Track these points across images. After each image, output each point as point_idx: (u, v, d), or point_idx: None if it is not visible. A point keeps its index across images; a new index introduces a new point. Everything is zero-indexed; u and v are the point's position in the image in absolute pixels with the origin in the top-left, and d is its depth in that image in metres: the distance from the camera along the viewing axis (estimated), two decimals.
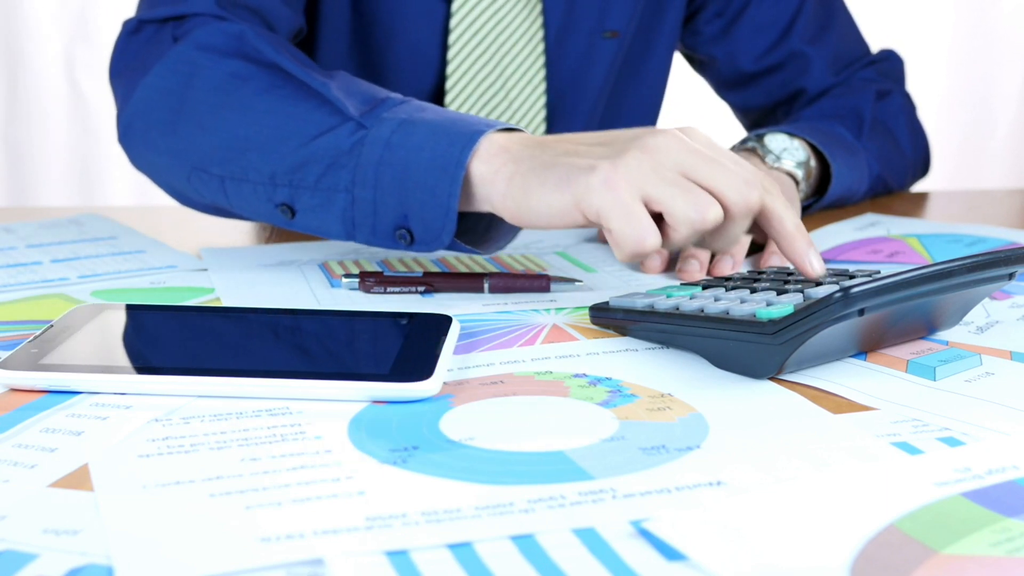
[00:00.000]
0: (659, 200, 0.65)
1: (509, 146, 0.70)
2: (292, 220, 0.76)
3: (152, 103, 0.82)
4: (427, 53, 1.05)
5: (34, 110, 2.31)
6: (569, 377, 0.61)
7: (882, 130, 1.10)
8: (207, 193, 0.81)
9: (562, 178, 0.67)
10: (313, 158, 0.74)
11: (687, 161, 0.66)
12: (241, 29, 0.80)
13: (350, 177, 0.73)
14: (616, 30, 1.10)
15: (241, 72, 0.79)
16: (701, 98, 1.42)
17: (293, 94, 0.77)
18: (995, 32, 2.49)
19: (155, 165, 0.85)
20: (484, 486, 0.47)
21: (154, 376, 0.57)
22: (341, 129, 0.74)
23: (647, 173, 0.65)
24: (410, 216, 0.72)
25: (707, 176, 0.66)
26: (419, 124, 0.72)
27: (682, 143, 0.66)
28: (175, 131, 0.80)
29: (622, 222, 0.65)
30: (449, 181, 0.70)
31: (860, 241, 0.92)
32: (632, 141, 0.67)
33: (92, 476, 0.48)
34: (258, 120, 0.77)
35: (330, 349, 0.63)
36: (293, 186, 0.75)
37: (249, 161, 0.77)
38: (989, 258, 0.61)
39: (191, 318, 0.66)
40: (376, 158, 0.72)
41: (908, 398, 0.58)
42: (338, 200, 0.74)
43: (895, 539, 0.43)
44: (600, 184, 0.65)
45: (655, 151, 0.66)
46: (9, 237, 0.91)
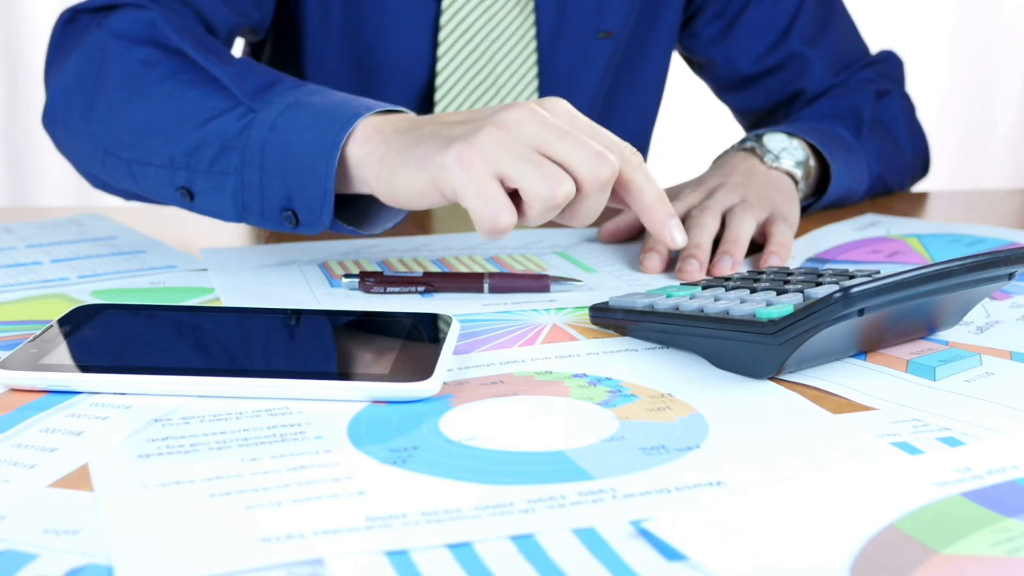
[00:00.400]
0: (512, 177, 0.65)
1: (383, 127, 0.72)
2: (191, 203, 0.78)
3: (70, 89, 0.83)
4: (417, 52, 1.05)
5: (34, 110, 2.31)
6: (569, 377, 0.61)
7: (881, 130, 1.10)
8: (118, 177, 0.83)
9: (421, 157, 0.68)
10: (206, 141, 0.76)
11: (540, 135, 0.66)
12: (153, 16, 0.82)
13: (239, 160, 0.74)
14: (610, 31, 1.10)
15: (150, 58, 0.80)
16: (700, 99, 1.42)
17: (193, 79, 0.78)
18: (995, 32, 2.49)
19: (74, 149, 0.87)
20: (484, 486, 0.47)
21: (154, 376, 0.57)
22: (232, 112, 0.75)
23: (500, 149, 0.65)
24: (293, 198, 0.73)
25: (559, 151, 0.66)
26: (305, 107, 0.74)
27: (537, 116, 0.67)
28: (90, 116, 0.82)
29: (476, 200, 0.65)
30: (325, 163, 0.71)
31: (860, 241, 0.92)
32: (488, 117, 0.67)
33: (92, 476, 0.48)
34: (160, 104, 0.78)
35: (330, 349, 0.63)
36: (190, 169, 0.77)
37: (152, 145, 0.78)
38: (989, 258, 0.61)
39: (191, 318, 0.66)
40: (262, 141, 0.74)
41: (908, 398, 0.58)
42: (229, 183, 0.75)
43: (895, 539, 0.43)
44: (454, 162, 0.66)
45: (509, 126, 0.66)
46: (9, 237, 0.91)
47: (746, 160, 0.94)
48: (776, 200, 0.89)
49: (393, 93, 1.06)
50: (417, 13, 1.04)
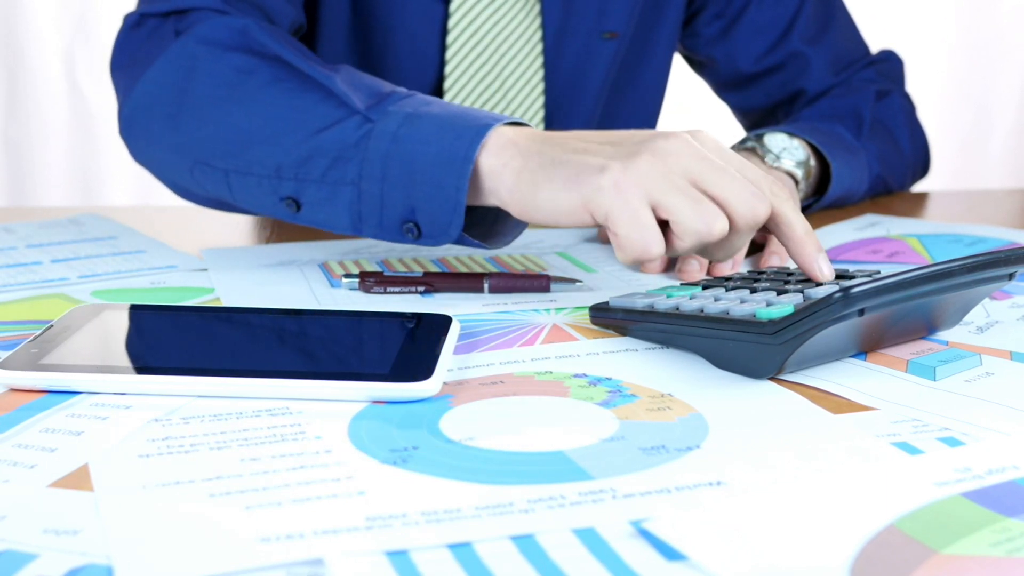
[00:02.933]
0: (667, 208, 0.64)
1: (517, 140, 0.70)
2: (297, 213, 0.76)
3: (154, 97, 0.82)
4: (425, 53, 1.05)
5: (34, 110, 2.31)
6: (569, 377, 0.61)
7: (882, 130, 1.10)
8: (210, 187, 0.81)
9: (571, 176, 0.67)
10: (319, 151, 0.74)
11: (697, 168, 0.65)
12: (244, 23, 0.81)
13: (357, 170, 0.73)
14: (615, 31, 1.10)
15: (245, 66, 0.79)
16: (701, 99, 1.42)
17: (298, 87, 0.77)
18: (995, 32, 2.49)
19: (157, 159, 0.85)
20: (484, 486, 0.47)
21: (154, 376, 0.57)
22: (347, 122, 0.74)
23: (657, 179, 0.65)
24: (417, 210, 0.72)
25: (717, 186, 0.65)
26: (426, 118, 0.72)
27: (693, 149, 0.66)
28: (178, 125, 0.80)
29: (629, 227, 0.65)
30: (457, 175, 0.70)
31: (860, 241, 0.92)
32: (643, 144, 0.66)
33: (92, 476, 0.48)
34: (263, 113, 0.77)
35: (330, 349, 0.63)
36: (299, 179, 0.75)
37: (254, 154, 0.77)
38: (989, 258, 0.61)
39: (191, 318, 0.66)
40: (383, 151, 0.72)
41: (908, 398, 0.58)
42: (345, 193, 0.74)
43: (895, 539, 0.43)
44: (610, 186, 0.65)
45: (666, 155, 0.65)
46: (9, 237, 0.91)
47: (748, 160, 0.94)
48: None
49: None
50: (425, 15, 1.04)
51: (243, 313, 0.68)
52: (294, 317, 0.67)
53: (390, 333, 0.64)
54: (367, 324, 0.66)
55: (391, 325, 0.65)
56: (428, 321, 0.65)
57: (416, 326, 0.64)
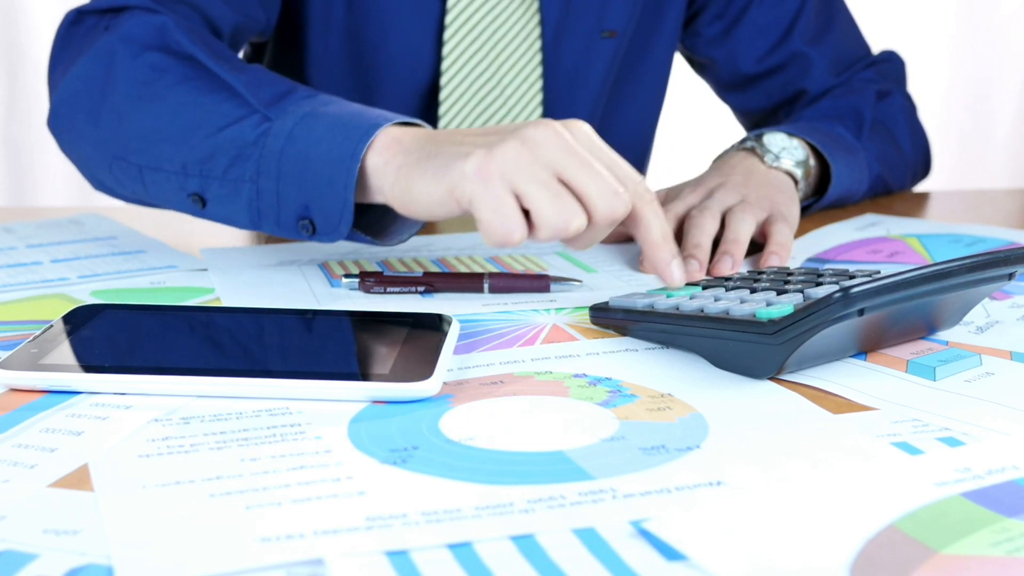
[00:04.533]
0: (528, 199, 0.66)
1: (402, 138, 0.72)
2: (203, 210, 0.78)
3: (77, 92, 0.83)
4: (421, 53, 1.05)
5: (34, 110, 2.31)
6: (569, 377, 0.61)
7: (882, 130, 1.10)
8: (127, 183, 0.82)
9: (440, 167, 0.68)
10: (221, 149, 0.76)
11: (562, 161, 0.67)
12: (163, 21, 0.82)
13: (255, 168, 0.75)
14: (614, 30, 1.10)
15: (159, 64, 0.80)
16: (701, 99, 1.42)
17: (205, 86, 0.78)
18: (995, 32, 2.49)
19: (80, 153, 0.86)
20: (484, 486, 0.47)
21: (154, 376, 0.57)
22: (247, 121, 0.75)
23: (520, 167, 0.66)
24: (311, 207, 0.74)
25: (578, 181, 0.66)
26: (321, 117, 0.74)
27: (561, 140, 0.67)
28: (98, 120, 0.82)
29: (491, 214, 0.66)
30: (345, 173, 0.72)
31: (860, 241, 0.92)
32: (512, 132, 0.68)
33: (92, 476, 0.48)
34: (172, 111, 0.78)
35: (330, 349, 0.63)
36: (203, 176, 0.77)
37: (163, 151, 0.78)
38: (989, 258, 0.61)
39: (191, 318, 0.67)
40: (279, 150, 0.74)
41: (908, 398, 0.58)
42: (244, 190, 0.76)
43: (895, 539, 0.43)
44: (473, 173, 0.66)
45: (533, 145, 0.67)
46: (9, 237, 0.91)
47: (746, 160, 0.94)
48: (776, 200, 0.89)
49: (395, 93, 1.06)
50: (421, 13, 1.03)
51: (243, 313, 0.68)
52: (294, 317, 0.67)
53: (390, 333, 0.64)
54: (367, 324, 0.66)
55: (391, 325, 0.65)
56: (428, 321, 0.65)
57: (416, 326, 0.64)
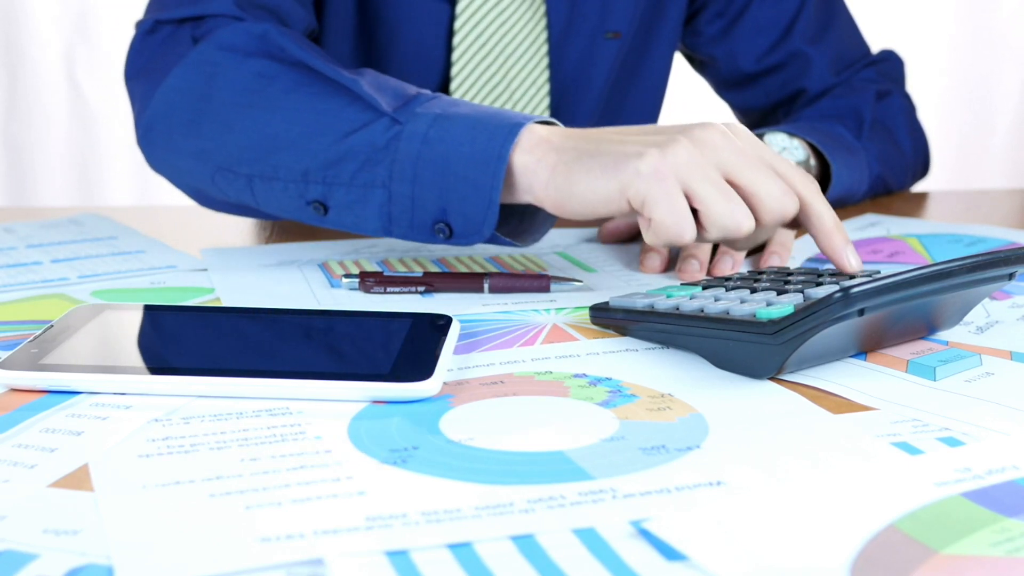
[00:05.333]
0: (701, 199, 0.66)
1: (551, 137, 0.71)
2: (325, 217, 0.77)
3: (174, 105, 0.82)
4: (431, 53, 1.05)
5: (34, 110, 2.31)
6: (569, 377, 0.61)
7: (882, 130, 1.10)
8: (232, 193, 0.81)
9: (609, 164, 0.68)
10: (348, 155, 0.74)
11: (732, 162, 0.67)
12: (264, 28, 0.81)
13: (387, 173, 0.73)
14: (617, 31, 1.10)
15: (267, 71, 0.79)
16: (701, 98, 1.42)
17: (322, 91, 0.77)
18: (995, 32, 2.49)
19: (176, 167, 0.85)
20: (484, 486, 0.47)
21: (154, 376, 0.57)
22: (375, 125, 0.74)
23: (693, 167, 0.66)
24: (449, 210, 0.73)
25: (749, 182, 0.67)
26: (455, 118, 0.73)
27: (729, 141, 0.68)
28: (199, 131, 0.80)
29: (665, 212, 0.66)
30: (491, 174, 0.71)
31: (860, 241, 0.92)
32: (681, 132, 0.68)
33: (92, 476, 0.48)
34: (288, 118, 0.77)
35: (330, 349, 0.63)
36: (327, 183, 0.75)
37: (279, 159, 0.77)
38: (989, 258, 0.61)
39: (191, 318, 0.66)
40: (414, 153, 0.72)
41: (908, 398, 0.58)
42: (375, 196, 0.74)
43: (895, 539, 0.43)
44: (649, 171, 0.66)
45: (703, 145, 0.67)
46: (9, 237, 0.91)
47: None
48: None
49: None
50: (431, 16, 1.04)
51: (243, 313, 0.68)
52: (294, 317, 0.67)
53: (390, 333, 0.64)
54: (367, 324, 0.66)
55: (391, 325, 0.65)
56: (428, 321, 0.65)
57: (416, 326, 0.64)
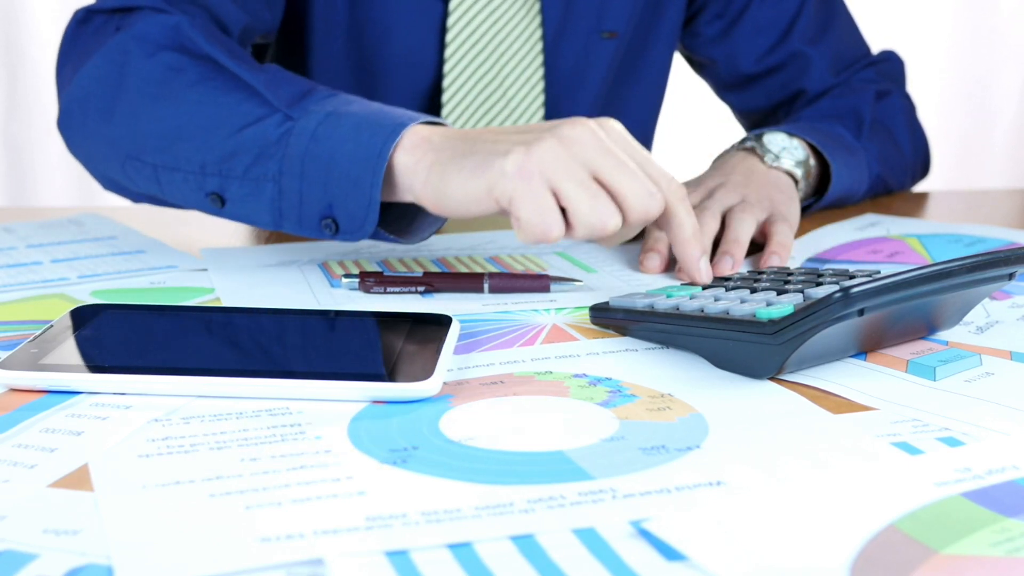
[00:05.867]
0: (566, 197, 0.66)
1: (431, 137, 0.72)
2: (222, 209, 0.78)
3: (89, 91, 0.83)
4: (423, 53, 1.05)
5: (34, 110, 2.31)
6: (569, 377, 0.61)
7: (882, 130, 1.10)
8: (141, 182, 0.82)
9: (478, 164, 0.68)
10: (242, 148, 0.76)
11: (599, 160, 0.67)
12: (177, 21, 0.82)
13: (277, 167, 0.75)
14: (614, 30, 1.10)
15: (175, 64, 0.80)
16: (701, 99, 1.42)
17: (224, 85, 0.78)
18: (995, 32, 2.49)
19: (91, 153, 0.86)
20: (484, 486, 0.47)
21: (154, 376, 0.57)
22: (269, 120, 0.75)
23: (559, 166, 0.66)
24: (335, 206, 0.74)
25: (615, 181, 0.67)
26: (345, 116, 0.74)
27: (597, 139, 0.68)
28: (111, 120, 0.82)
29: (531, 211, 0.66)
30: (372, 172, 0.72)
31: (860, 241, 0.92)
32: (549, 130, 0.68)
33: (92, 476, 0.48)
34: (190, 110, 0.78)
35: (330, 349, 0.63)
36: (222, 175, 0.77)
37: (180, 150, 0.78)
38: (989, 258, 0.61)
39: (191, 318, 0.66)
40: (302, 149, 0.74)
41: (908, 398, 0.58)
42: (266, 190, 0.75)
43: (895, 539, 0.43)
44: (514, 170, 0.66)
45: (570, 143, 0.67)
46: (9, 237, 0.91)
47: (746, 160, 0.94)
48: (776, 200, 0.89)
49: (398, 94, 1.06)
50: (424, 14, 1.03)
51: (243, 313, 0.68)
52: (294, 317, 0.67)
53: (390, 333, 0.64)
54: (367, 324, 0.66)
55: (391, 325, 0.65)
56: (428, 321, 0.65)
57: (416, 326, 0.64)
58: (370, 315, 0.67)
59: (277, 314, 0.67)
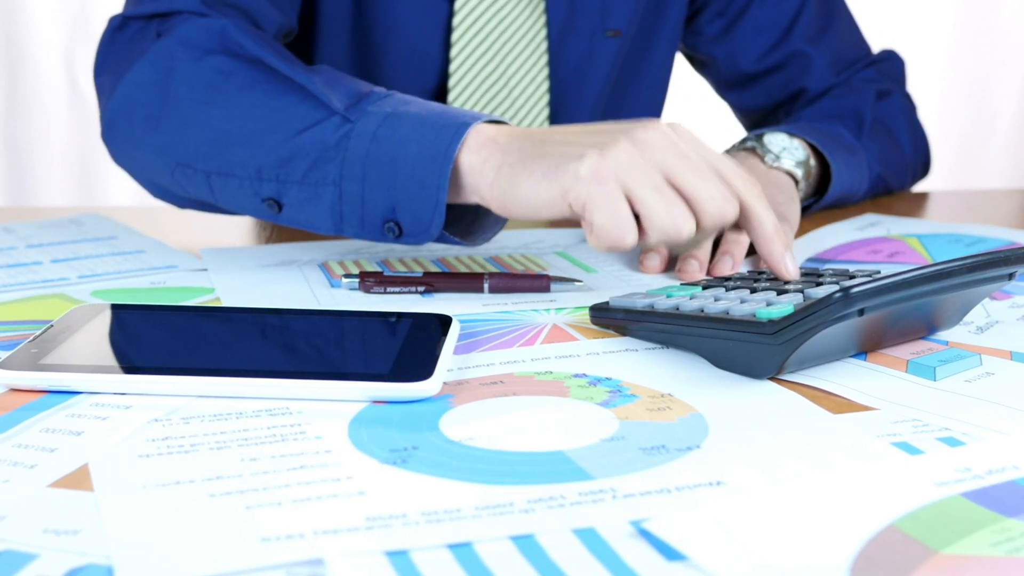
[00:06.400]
0: (641, 203, 0.65)
1: (497, 137, 0.71)
2: (279, 214, 0.77)
3: (135, 99, 0.82)
4: (429, 52, 1.05)
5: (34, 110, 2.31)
6: (569, 377, 0.61)
7: (882, 130, 1.10)
8: (192, 189, 0.81)
9: (550, 167, 0.67)
10: (300, 152, 0.75)
11: (673, 164, 0.66)
12: (223, 25, 0.81)
13: (338, 171, 0.74)
14: (618, 29, 1.10)
15: (224, 68, 0.79)
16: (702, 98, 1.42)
17: (277, 89, 0.77)
18: (995, 32, 2.49)
19: (138, 161, 0.85)
20: (484, 486, 0.47)
21: (154, 376, 0.57)
22: (327, 123, 0.74)
23: (635, 170, 0.65)
24: (398, 209, 0.73)
25: (690, 185, 0.66)
26: (405, 117, 0.73)
27: (670, 142, 0.67)
28: (158, 127, 0.81)
29: (606, 217, 0.65)
30: (437, 173, 0.70)
31: (860, 241, 0.92)
32: (621, 133, 0.67)
33: (92, 476, 0.48)
34: (243, 115, 0.77)
35: (330, 349, 0.63)
36: (280, 180, 0.76)
37: (235, 156, 0.77)
38: (989, 258, 0.61)
39: (191, 318, 0.66)
40: (363, 152, 0.73)
41: (908, 398, 0.58)
42: (326, 194, 0.74)
43: (895, 539, 0.43)
44: (588, 174, 0.65)
45: (644, 146, 0.66)
46: (9, 237, 0.91)
47: (746, 160, 0.94)
48: (776, 200, 0.89)
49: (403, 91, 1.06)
50: (429, 14, 1.04)
51: (243, 313, 0.68)
52: (294, 317, 0.67)
53: (390, 333, 0.64)
54: (367, 324, 0.66)
55: (391, 325, 0.65)
56: (428, 321, 0.65)
57: (416, 326, 0.64)
58: (370, 315, 0.67)
59: (277, 314, 0.67)
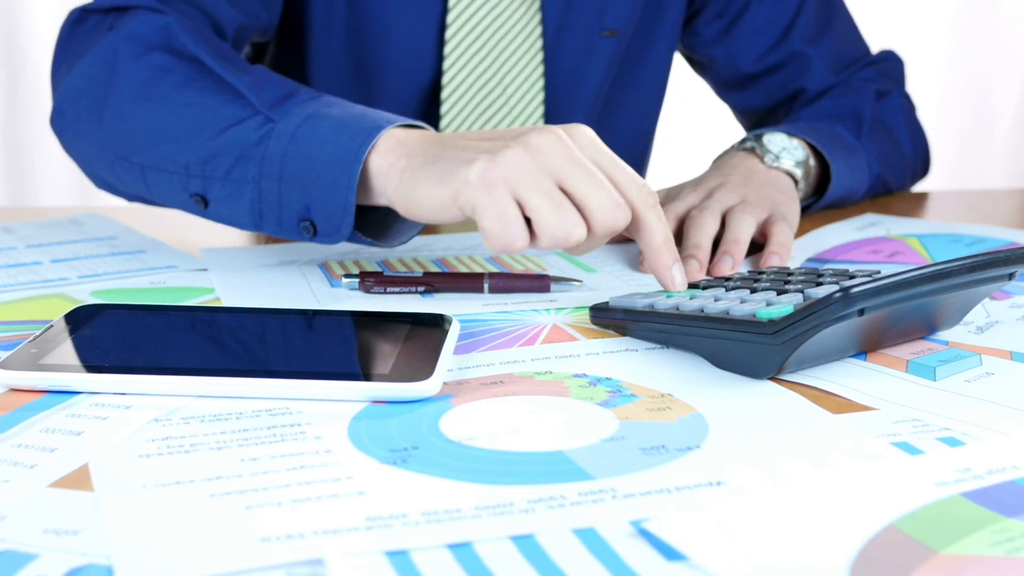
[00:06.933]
0: (530, 207, 0.66)
1: (407, 141, 0.72)
2: (205, 210, 0.78)
3: (81, 91, 0.83)
4: (423, 50, 1.05)
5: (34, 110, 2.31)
6: (569, 377, 0.61)
7: (882, 130, 1.10)
8: (129, 182, 0.83)
9: (444, 172, 0.68)
10: (224, 150, 0.76)
11: (565, 169, 0.66)
12: (168, 21, 0.82)
13: (257, 169, 0.75)
14: (615, 29, 1.10)
15: (164, 64, 0.80)
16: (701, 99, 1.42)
17: (209, 87, 0.78)
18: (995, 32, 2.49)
19: (83, 152, 0.86)
20: (484, 486, 0.47)
21: (154, 376, 0.57)
22: (250, 122, 0.76)
23: (524, 175, 0.65)
24: (312, 208, 0.74)
25: (580, 191, 0.66)
26: (324, 119, 0.74)
27: (565, 148, 0.67)
28: (101, 120, 0.82)
29: (494, 222, 0.66)
30: (347, 175, 0.72)
31: (860, 241, 0.92)
32: (515, 138, 0.67)
33: (92, 476, 0.48)
34: (176, 112, 0.78)
35: (330, 349, 0.63)
36: (205, 177, 0.77)
37: (167, 151, 0.79)
38: (989, 258, 0.61)
39: (191, 318, 0.66)
40: (281, 151, 0.74)
41: (908, 398, 0.58)
42: (246, 191, 0.76)
43: (895, 539, 0.43)
44: (477, 180, 0.66)
45: (536, 151, 0.66)
46: (9, 237, 0.91)
47: (746, 160, 0.94)
48: (776, 200, 0.89)
49: (397, 92, 1.06)
50: (423, 12, 1.03)
51: (243, 313, 0.68)
52: (294, 317, 0.67)
53: (390, 333, 0.64)
54: (367, 324, 0.66)
55: (391, 325, 0.65)
56: (428, 321, 0.65)
57: (416, 326, 0.64)
58: (370, 315, 0.67)
59: (277, 314, 0.67)
